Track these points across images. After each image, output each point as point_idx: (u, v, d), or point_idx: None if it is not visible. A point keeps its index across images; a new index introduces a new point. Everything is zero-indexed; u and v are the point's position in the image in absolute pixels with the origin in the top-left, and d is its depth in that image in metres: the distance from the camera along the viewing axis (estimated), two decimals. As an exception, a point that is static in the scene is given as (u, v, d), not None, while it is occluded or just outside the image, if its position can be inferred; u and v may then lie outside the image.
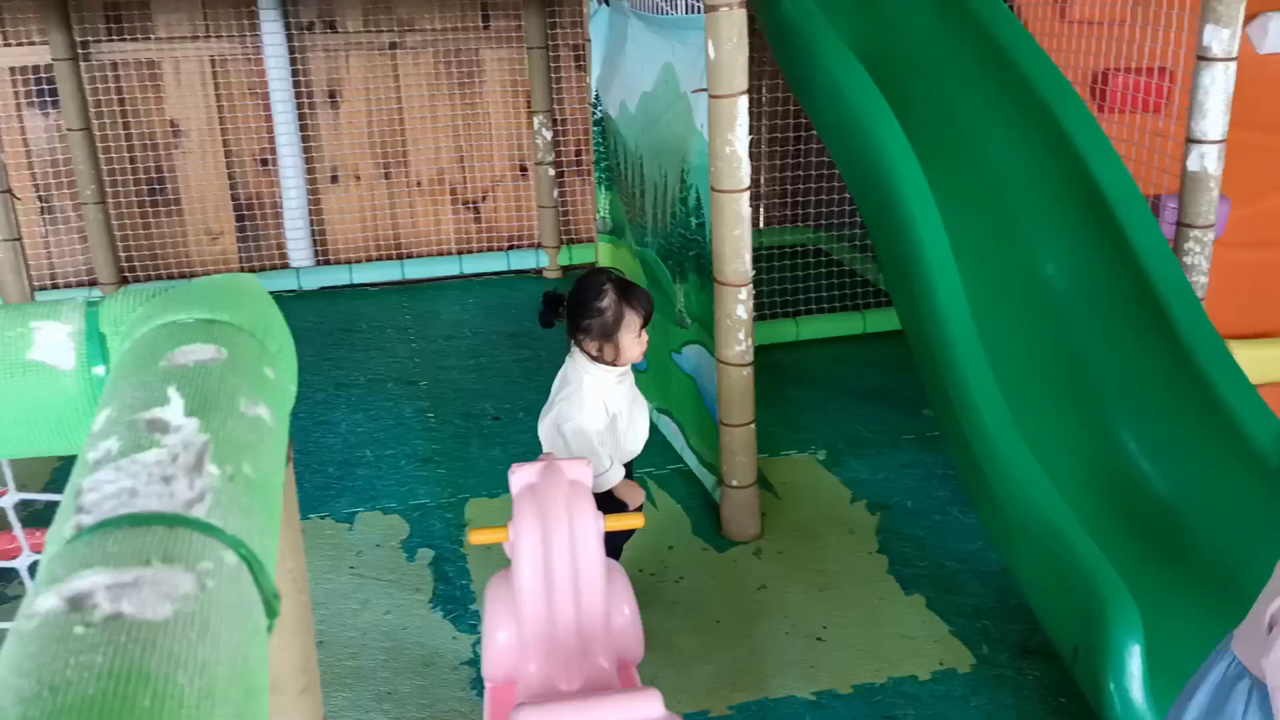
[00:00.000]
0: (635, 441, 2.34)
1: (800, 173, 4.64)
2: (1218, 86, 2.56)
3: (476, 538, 1.86)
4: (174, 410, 0.49)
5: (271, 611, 0.45)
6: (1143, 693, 1.70)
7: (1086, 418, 2.52)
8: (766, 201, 4.93)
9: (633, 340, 2.22)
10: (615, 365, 2.23)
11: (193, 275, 4.58)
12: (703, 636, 2.39)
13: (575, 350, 2.26)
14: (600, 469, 2.19)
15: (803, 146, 4.76)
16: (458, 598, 2.54)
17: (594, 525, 1.82)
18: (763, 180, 4.87)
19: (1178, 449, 2.34)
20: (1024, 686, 2.20)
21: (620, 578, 1.91)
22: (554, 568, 1.78)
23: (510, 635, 1.84)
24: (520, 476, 1.87)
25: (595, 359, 2.22)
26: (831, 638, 2.37)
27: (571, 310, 2.23)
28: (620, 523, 1.89)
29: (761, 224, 4.95)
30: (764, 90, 4.61)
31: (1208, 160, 2.62)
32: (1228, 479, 2.19)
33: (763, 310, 3.95)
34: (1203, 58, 2.55)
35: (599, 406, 2.21)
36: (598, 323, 2.20)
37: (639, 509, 2.22)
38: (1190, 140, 2.63)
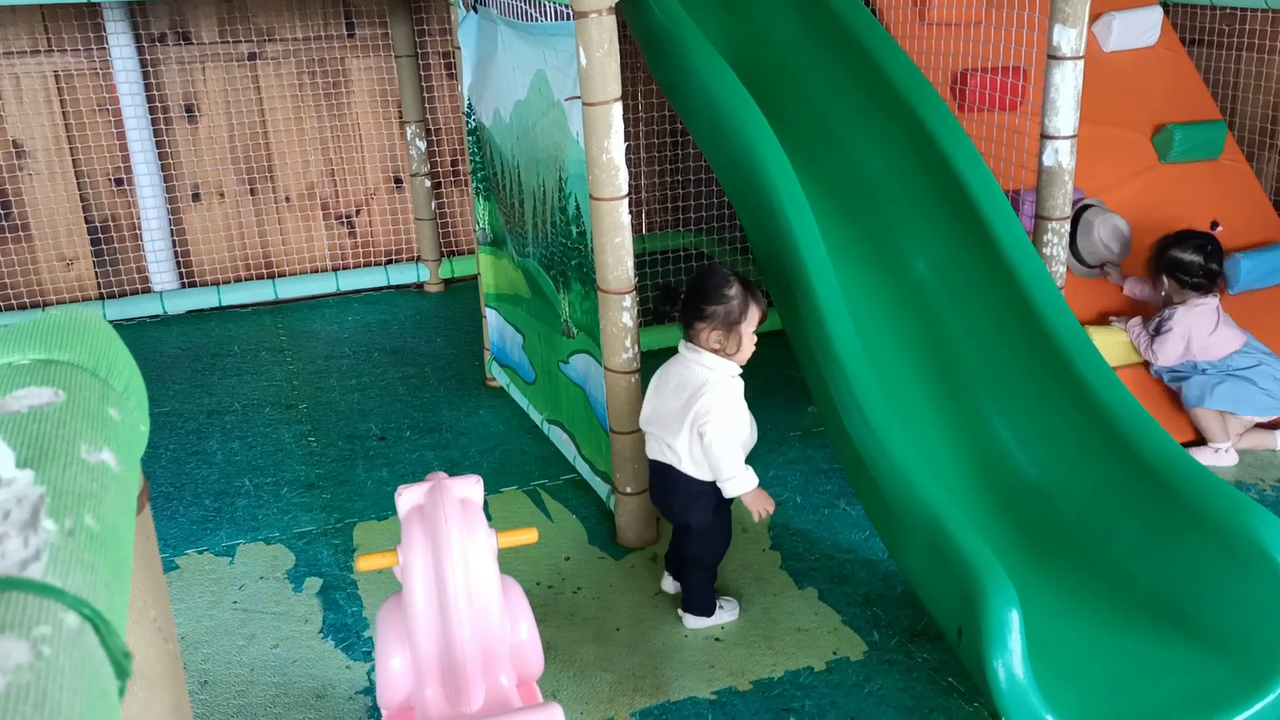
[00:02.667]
0: (752, 438, 2.33)
1: (680, 177, 4.68)
2: (1067, 84, 2.68)
3: (364, 564, 1.80)
4: (4, 462, 0.45)
5: (122, 672, 0.41)
6: (1024, 667, 1.76)
7: (960, 408, 2.60)
8: (648, 207, 4.95)
9: (750, 336, 2.22)
10: (734, 359, 2.21)
11: (46, 304, 4.33)
12: (603, 645, 2.37)
13: (690, 349, 2.23)
14: (733, 474, 2.19)
15: (681, 151, 4.80)
16: (349, 625, 2.47)
17: (486, 543, 1.78)
18: (643, 185, 4.89)
19: (1045, 433, 2.44)
20: (914, 669, 2.26)
21: (516, 594, 1.88)
22: (446, 589, 1.74)
23: (404, 661, 1.79)
24: (407, 498, 1.82)
25: (715, 351, 2.20)
26: (729, 637, 2.39)
27: (693, 298, 2.20)
28: (513, 539, 1.86)
29: (644, 229, 4.97)
30: (640, 96, 4.64)
31: (1061, 155, 2.74)
32: (1091, 460, 2.29)
33: (649, 316, 3.96)
34: (1053, 56, 2.67)
35: (740, 403, 2.20)
36: (723, 309, 2.18)
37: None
38: (1044, 136, 2.74)
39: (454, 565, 1.73)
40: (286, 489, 3.09)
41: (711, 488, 2.26)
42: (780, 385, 3.59)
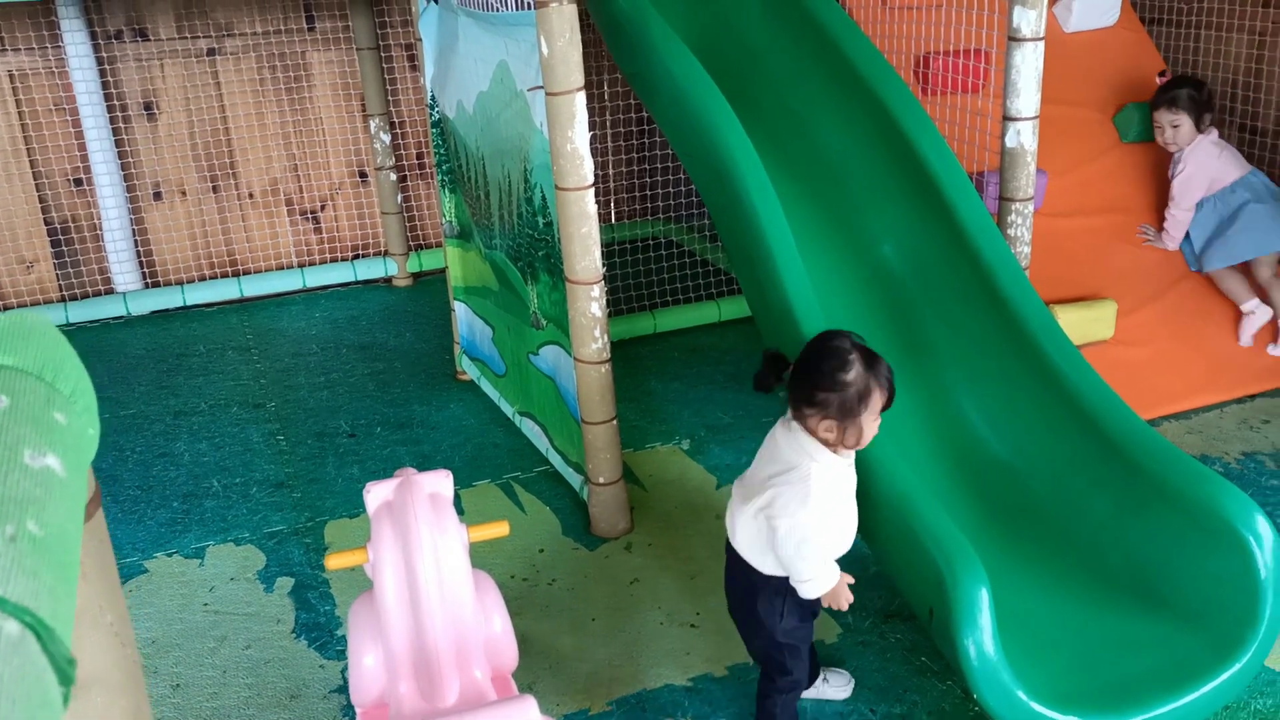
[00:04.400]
0: (850, 536, 1.91)
1: (648, 166, 4.67)
2: (1028, 65, 2.69)
3: (334, 562, 1.79)
4: (-59, 469, 0.44)
5: (66, 679, 0.40)
6: (994, 644, 1.77)
7: (928, 390, 2.61)
8: (617, 196, 4.94)
9: (873, 421, 1.81)
10: (848, 449, 1.83)
11: (6, 308, 4.26)
12: (579, 636, 2.37)
13: (798, 426, 1.83)
14: (809, 576, 1.81)
15: (649, 139, 4.79)
16: (322, 624, 2.45)
17: (457, 537, 1.78)
18: (611, 175, 4.88)
19: (1013, 413, 2.46)
20: (887, 650, 2.27)
21: (489, 588, 1.87)
22: (418, 585, 1.73)
23: (377, 658, 1.79)
24: (376, 494, 1.81)
25: (825, 443, 1.80)
26: (704, 623, 2.39)
27: (804, 378, 1.81)
28: (485, 532, 1.85)
29: (613, 219, 4.96)
30: (606, 85, 4.62)
31: (1024, 136, 2.75)
32: (1058, 437, 2.31)
33: (619, 305, 3.96)
34: (1013, 38, 2.68)
35: (826, 504, 1.79)
36: (838, 398, 1.77)
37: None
38: (1006, 118, 2.76)
39: (425, 560, 1.72)
40: (256, 489, 3.06)
41: (773, 581, 1.86)
42: (752, 370, 3.57)
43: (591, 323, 2.55)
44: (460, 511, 2.86)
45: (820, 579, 1.82)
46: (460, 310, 3.58)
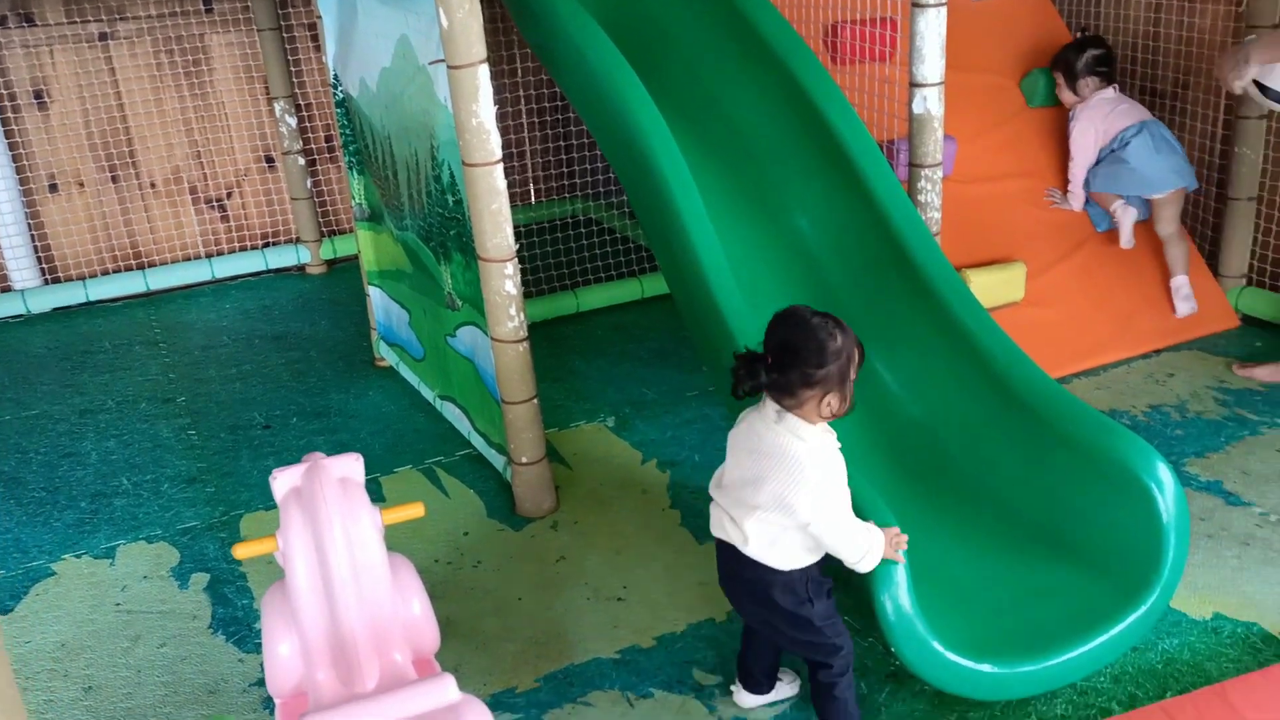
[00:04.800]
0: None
1: (565, 142, 4.63)
2: (932, 31, 2.71)
3: (242, 551, 1.75)
4: None
5: None
6: (910, 600, 1.81)
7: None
8: (534, 174, 4.89)
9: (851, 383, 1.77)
10: (835, 417, 1.76)
11: (-106, 309, 4.06)
12: (505, 616, 2.35)
13: (779, 414, 1.74)
14: (863, 551, 1.76)
15: (566, 115, 4.75)
16: (240, 618, 2.39)
17: (370, 521, 1.74)
18: (529, 152, 4.83)
19: (927, 374, 2.50)
20: (814, 614, 2.30)
21: (406, 570, 1.84)
22: (330, 571, 1.69)
23: (292, 647, 1.75)
24: (283, 481, 1.77)
25: (808, 420, 1.74)
26: (631, 596, 2.39)
27: (791, 364, 1.71)
28: (399, 514, 1.82)
29: (533, 198, 4.91)
30: (521, 59, 4.56)
31: (930, 102, 2.78)
32: (971, 397, 2.36)
33: (541, 284, 3.93)
34: (917, 4, 2.70)
35: (838, 477, 1.74)
36: (836, 369, 1.70)
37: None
38: (913, 84, 2.78)
39: (336, 545, 1.68)
40: (167, 485, 2.97)
41: (792, 575, 1.79)
42: (675, 347, 3.61)
43: (506, 301, 2.52)
44: (381, 499, 2.82)
45: (872, 548, 1.76)
46: (375, 295, 3.51)
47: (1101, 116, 3.48)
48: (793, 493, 1.71)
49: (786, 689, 2.05)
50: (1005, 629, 1.96)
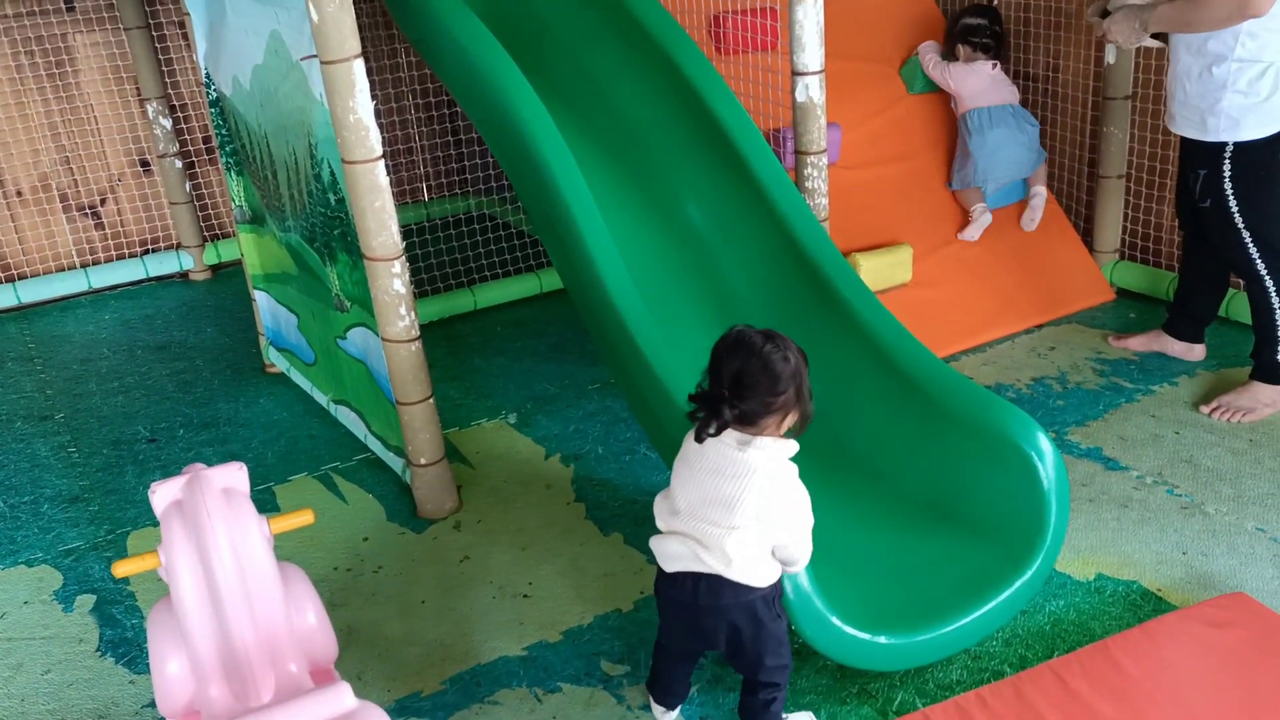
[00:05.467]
0: None
1: (455, 138, 4.57)
2: (810, 19, 2.75)
3: (122, 569, 1.68)
4: None
5: None
6: (807, 575, 1.84)
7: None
8: (424, 170, 4.81)
9: None
10: (798, 434, 1.75)
11: None
12: (408, 620, 2.32)
13: (744, 439, 1.71)
14: (808, 551, 1.78)
15: (452, 110, 4.68)
16: (129, 639, 2.30)
17: (257, 531, 1.69)
18: (417, 149, 4.75)
19: (819, 357, 2.51)
20: (718, 598, 2.32)
21: (299, 579, 1.80)
22: (217, 584, 1.64)
23: (181, 664, 1.69)
24: (163, 494, 1.71)
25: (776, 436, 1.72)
26: (537, 592, 2.38)
27: (750, 394, 1.66)
28: (287, 523, 1.77)
29: (425, 195, 4.83)
30: (403, 54, 4.48)
31: (812, 90, 2.83)
32: (860, 377, 2.41)
33: (436, 283, 3.88)
34: (794, -7, 2.74)
35: (797, 480, 1.75)
36: (794, 390, 1.68)
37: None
38: (795, 73, 2.82)
39: (222, 558, 1.63)
40: (47, 505, 2.84)
41: (769, 591, 1.78)
42: (576, 340, 3.60)
43: (396, 300, 2.48)
44: (276, 509, 2.74)
45: (808, 546, 1.79)
46: (262, 300, 3.41)
47: (974, 86, 3.57)
48: (772, 510, 1.70)
49: None
50: (900, 601, 2.02)
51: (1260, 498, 2.53)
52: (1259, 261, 2.81)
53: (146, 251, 4.41)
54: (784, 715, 1.91)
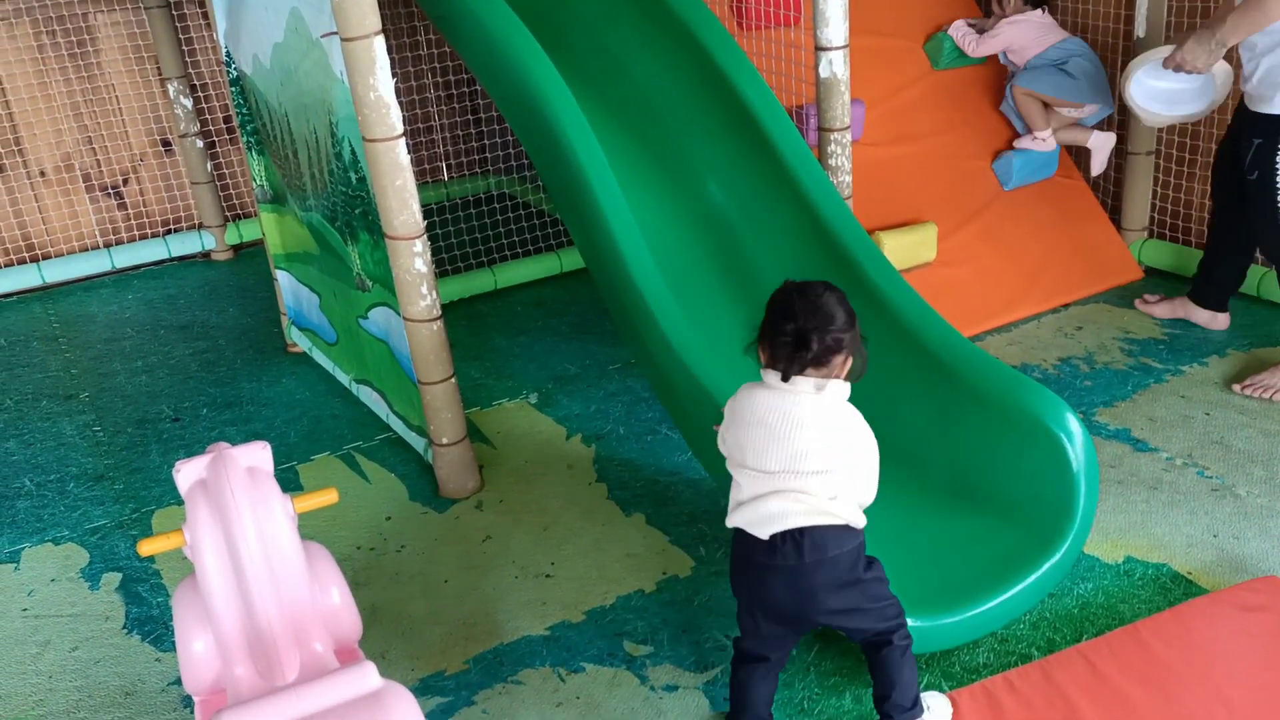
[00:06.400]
0: None
1: (475, 116, 4.55)
2: (834, -7, 2.71)
3: (148, 547, 1.68)
4: None
5: None
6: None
7: (759, 322, 2.64)
8: (445, 149, 4.80)
9: None
10: (858, 379, 1.79)
11: None
12: (431, 600, 2.32)
13: (819, 384, 1.72)
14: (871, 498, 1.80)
15: (472, 89, 4.66)
16: (155, 617, 2.32)
17: (281, 510, 1.69)
18: (438, 128, 4.73)
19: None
20: (741, 578, 2.31)
21: (323, 558, 1.80)
22: (242, 563, 1.64)
23: (207, 643, 1.69)
24: (188, 473, 1.70)
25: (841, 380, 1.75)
26: (560, 572, 2.38)
27: (831, 334, 1.70)
28: (311, 501, 1.77)
29: (446, 175, 4.82)
30: (424, 31, 4.46)
31: (836, 66, 2.79)
32: (884, 356, 2.37)
33: (457, 263, 3.87)
34: (819, -33, 2.70)
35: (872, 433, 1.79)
36: (855, 325, 1.74)
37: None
38: (818, 48, 2.79)
39: (247, 537, 1.63)
40: (73, 484, 2.86)
41: (862, 535, 1.79)
42: (598, 319, 3.59)
43: (417, 279, 2.47)
44: (299, 488, 2.75)
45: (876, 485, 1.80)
46: (283, 279, 3.41)
47: (1023, 40, 3.53)
48: (854, 449, 1.74)
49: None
50: (927, 583, 2.00)
51: (1293, 480, 2.49)
52: None
53: (169, 231, 4.42)
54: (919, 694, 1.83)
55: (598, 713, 1.98)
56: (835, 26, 2.73)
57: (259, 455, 1.73)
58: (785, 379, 1.72)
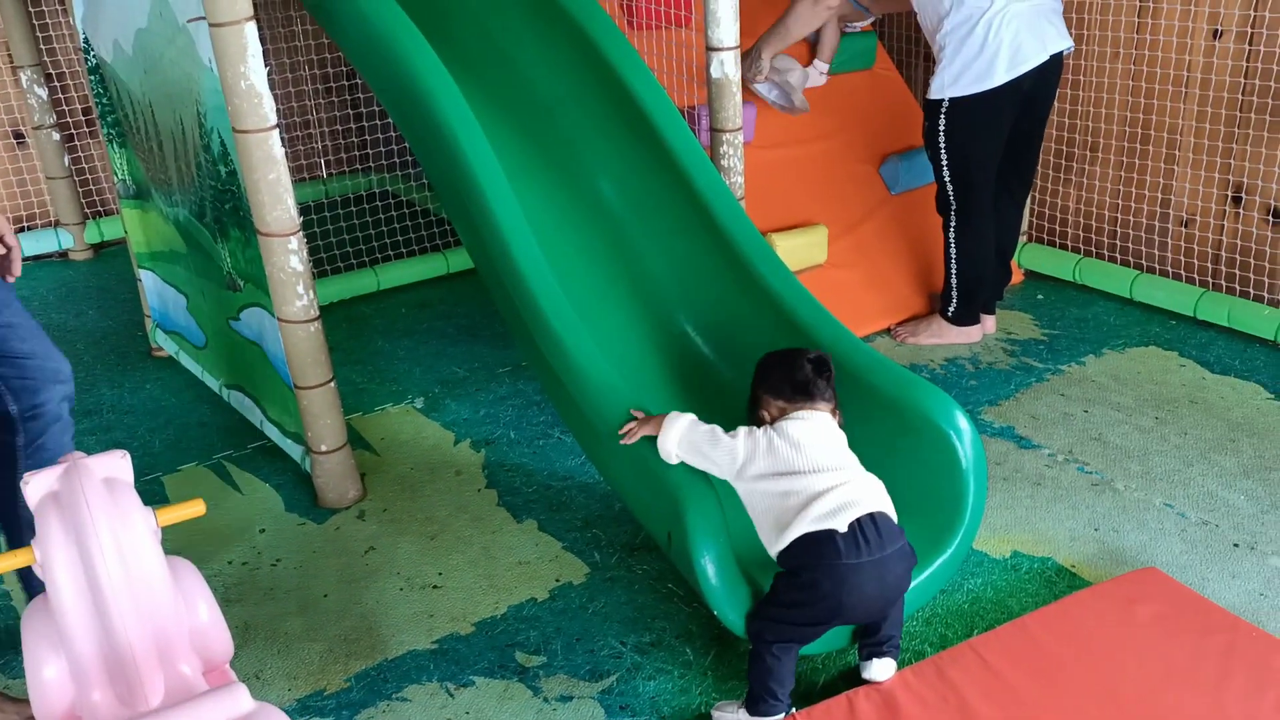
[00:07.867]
0: None
1: (356, 111, 4.41)
2: (725, -5, 2.70)
3: (-9, 568, 1.53)
4: None
5: None
6: (728, 559, 1.79)
7: (654, 320, 2.61)
8: (323, 145, 4.63)
9: None
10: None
11: None
12: (310, 615, 2.20)
13: (833, 416, 2.00)
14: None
15: (353, 83, 4.51)
16: (3, 642, 2.13)
17: (142, 523, 1.56)
18: (316, 123, 4.56)
19: (735, 337, 2.50)
20: (635, 582, 2.26)
21: (190, 573, 1.67)
22: (99, 581, 1.51)
23: (59, 668, 1.55)
24: (37, 485, 1.56)
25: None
26: (448, 583, 2.28)
27: (829, 377, 2.01)
28: (175, 514, 1.64)
29: (324, 171, 4.65)
30: (300, 22, 4.29)
31: (727, 66, 2.78)
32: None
33: (336, 262, 3.73)
34: (708, -33, 2.68)
35: None
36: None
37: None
38: (709, 49, 2.77)
39: (105, 553, 1.50)
40: (-91, 503, 2.61)
41: None
42: (486, 321, 3.50)
43: (292, 278, 2.34)
44: (164, 500, 2.58)
45: None
46: (148, 279, 3.22)
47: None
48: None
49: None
50: (823, 581, 1.98)
51: (1167, 474, 2.58)
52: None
53: (21, 229, 4.14)
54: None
55: (489, 728, 1.90)
56: (726, 26, 2.72)
57: (117, 465, 1.60)
58: (810, 394, 1.94)
